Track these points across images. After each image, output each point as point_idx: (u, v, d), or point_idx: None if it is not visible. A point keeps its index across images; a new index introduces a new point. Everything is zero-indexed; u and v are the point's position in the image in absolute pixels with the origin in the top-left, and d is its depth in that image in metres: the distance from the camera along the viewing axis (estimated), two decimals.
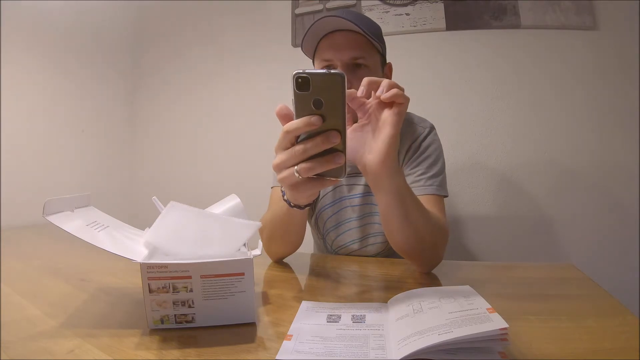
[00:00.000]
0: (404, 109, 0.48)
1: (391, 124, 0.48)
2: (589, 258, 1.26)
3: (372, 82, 0.48)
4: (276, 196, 0.79)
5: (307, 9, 1.55)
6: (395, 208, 0.55)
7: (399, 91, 0.47)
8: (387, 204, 0.56)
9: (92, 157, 1.67)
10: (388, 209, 0.56)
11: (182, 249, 0.48)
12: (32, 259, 0.84)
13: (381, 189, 0.54)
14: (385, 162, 0.49)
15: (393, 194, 0.54)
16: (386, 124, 0.48)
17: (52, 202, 0.44)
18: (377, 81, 0.48)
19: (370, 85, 0.48)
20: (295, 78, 0.38)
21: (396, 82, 0.48)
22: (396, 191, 0.54)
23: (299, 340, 0.40)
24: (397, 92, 0.47)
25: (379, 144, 0.49)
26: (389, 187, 0.53)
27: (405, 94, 0.48)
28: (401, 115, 0.48)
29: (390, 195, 0.54)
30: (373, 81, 0.48)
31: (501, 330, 0.34)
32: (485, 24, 1.35)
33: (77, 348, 0.40)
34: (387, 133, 0.48)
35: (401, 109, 0.48)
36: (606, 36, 1.26)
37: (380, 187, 0.54)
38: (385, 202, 0.56)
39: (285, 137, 0.42)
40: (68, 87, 1.57)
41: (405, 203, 0.56)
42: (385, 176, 0.51)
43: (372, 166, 0.50)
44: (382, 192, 0.55)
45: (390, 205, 0.55)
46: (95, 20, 1.66)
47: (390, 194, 0.54)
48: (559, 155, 1.31)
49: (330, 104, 0.39)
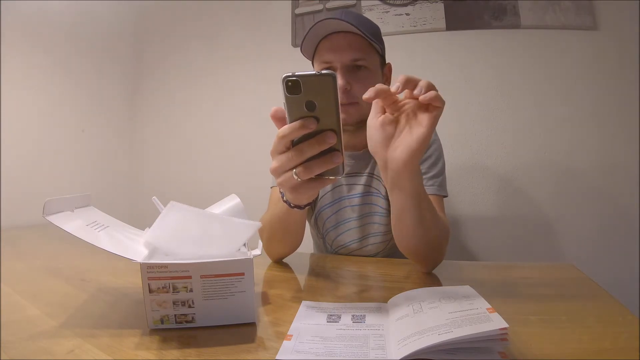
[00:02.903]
0: (440, 112, 0.47)
1: (426, 126, 0.47)
2: (589, 258, 1.26)
3: (409, 80, 0.46)
4: (275, 196, 0.79)
5: (307, 9, 1.55)
6: (410, 210, 0.55)
7: (438, 94, 0.45)
8: (402, 205, 0.55)
9: (92, 157, 1.67)
10: (403, 209, 0.56)
11: (182, 249, 0.48)
12: (32, 259, 0.84)
13: (399, 188, 0.53)
14: (409, 162, 0.49)
15: (411, 196, 0.54)
16: (421, 125, 0.47)
17: (52, 202, 0.44)
18: (414, 80, 0.46)
19: (406, 83, 0.46)
20: (285, 82, 0.37)
21: (433, 84, 0.46)
22: (414, 193, 0.54)
23: (299, 340, 0.40)
24: (435, 95, 0.45)
25: (409, 142, 0.48)
26: (408, 187, 0.53)
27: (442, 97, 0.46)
28: (436, 118, 0.47)
29: (408, 196, 0.54)
30: (410, 79, 0.46)
31: (501, 330, 0.34)
32: (485, 24, 1.35)
33: (77, 348, 0.40)
34: (420, 133, 0.47)
35: (437, 113, 0.47)
36: (606, 36, 1.26)
37: (399, 187, 0.53)
38: (401, 202, 0.55)
39: (280, 141, 0.41)
40: (68, 87, 1.57)
41: (421, 206, 0.56)
42: (406, 176, 0.51)
43: (396, 164, 0.49)
44: (400, 192, 0.54)
45: (406, 206, 0.55)
46: (96, 20, 1.66)
47: (408, 195, 0.54)
48: (559, 155, 1.31)
49: (323, 105, 0.38)
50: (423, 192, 0.56)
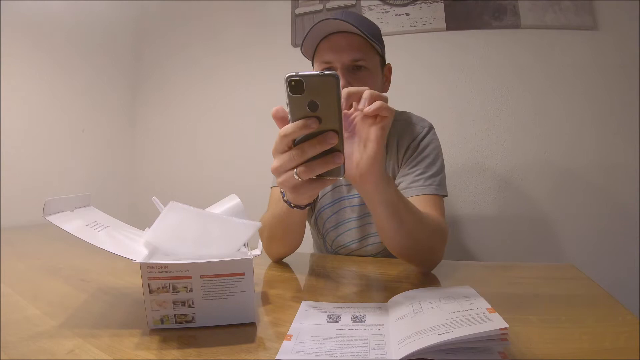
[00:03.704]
0: (388, 122, 0.46)
1: (375, 141, 0.46)
2: (589, 258, 1.26)
3: (353, 94, 0.45)
4: (276, 196, 0.79)
5: (307, 9, 1.55)
6: (388, 218, 0.55)
7: (383, 103, 0.44)
8: (379, 215, 0.55)
9: (92, 157, 1.67)
10: (381, 219, 0.56)
11: (182, 249, 0.48)
12: (32, 259, 0.84)
13: (371, 201, 0.54)
14: (371, 178, 0.48)
15: (384, 206, 0.53)
16: (370, 141, 0.46)
17: (52, 202, 0.44)
18: (357, 92, 0.45)
19: (350, 97, 0.45)
20: (289, 81, 0.37)
21: (378, 93, 0.45)
22: (387, 202, 0.53)
23: (299, 340, 0.40)
24: (381, 105, 0.44)
25: (365, 160, 0.47)
26: (378, 199, 0.53)
27: (389, 106, 0.45)
28: (385, 129, 0.46)
29: (382, 206, 0.54)
30: (353, 92, 0.45)
31: (501, 330, 0.34)
32: (485, 24, 1.35)
33: (77, 348, 0.40)
34: (371, 149, 0.46)
35: (385, 123, 0.46)
36: (606, 36, 1.27)
37: (370, 199, 0.54)
38: (377, 213, 0.55)
39: (282, 140, 0.41)
40: (68, 87, 1.57)
41: (398, 212, 0.55)
42: (373, 190, 0.51)
43: (359, 181, 0.50)
44: (373, 204, 0.54)
45: (382, 215, 0.55)
46: (96, 20, 1.66)
47: (382, 206, 0.53)
48: (558, 155, 1.31)
49: (325, 105, 0.38)
50: (397, 199, 0.55)
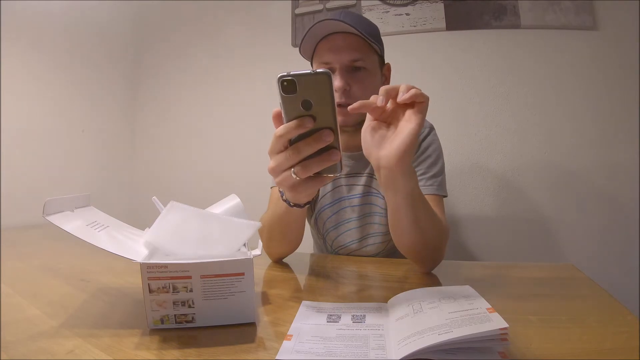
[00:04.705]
0: (425, 106, 0.47)
1: (415, 121, 0.47)
2: (589, 258, 1.26)
3: (391, 90, 0.47)
4: (275, 196, 0.79)
5: (307, 9, 1.55)
6: (405, 210, 0.55)
7: (418, 90, 0.46)
8: (397, 205, 0.55)
9: (92, 157, 1.67)
10: (398, 209, 0.55)
11: (182, 249, 0.48)
12: (32, 259, 0.84)
13: (393, 188, 0.53)
14: (401, 160, 0.48)
15: (405, 195, 0.53)
16: (408, 121, 0.47)
17: (52, 202, 0.44)
18: (395, 88, 0.48)
19: (388, 93, 0.47)
20: (281, 81, 0.37)
21: (412, 85, 0.47)
22: (409, 193, 0.53)
23: (299, 340, 0.40)
24: (416, 92, 0.46)
25: (399, 140, 0.48)
26: (402, 187, 0.52)
27: (423, 93, 0.47)
28: (423, 112, 0.47)
29: (402, 196, 0.53)
30: (391, 89, 0.47)
31: (501, 330, 0.34)
32: (485, 24, 1.35)
33: (77, 348, 0.40)
34: (410, 129, 0.47)
35: (422, 107, 0.47)
36: (606, 36, 1.26)
37: (393, 186, 0.53)
38: (396, 202, 0.55)
39: (277, 141, 0.42)
40: (68, 87, 1.57)
41: (416, 206, 0.55)
42: (400, 175, 0.50)
43: (388, 161, 0.49)
44: (394, 192, 0.54)
45: (401, 206, 0.55)
46: (96, 20, 1.66)
47: (402, 195, 0.53)
48: (559, 155, 1.31)
49: (319, 103, 0.39)
50: (418, 193, 0.55)
